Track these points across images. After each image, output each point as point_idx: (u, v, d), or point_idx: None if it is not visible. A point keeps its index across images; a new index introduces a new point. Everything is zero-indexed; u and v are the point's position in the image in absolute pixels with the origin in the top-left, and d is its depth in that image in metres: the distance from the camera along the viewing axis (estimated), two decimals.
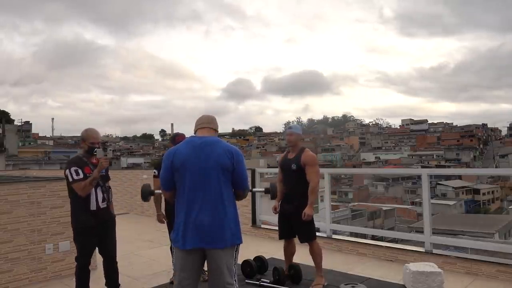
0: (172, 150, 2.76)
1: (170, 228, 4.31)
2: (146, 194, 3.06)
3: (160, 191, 3.10)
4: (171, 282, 4.46)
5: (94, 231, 3.58)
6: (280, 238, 4.34)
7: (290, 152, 4.25)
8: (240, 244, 2.77)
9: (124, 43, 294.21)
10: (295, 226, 4.13)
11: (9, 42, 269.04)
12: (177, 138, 4.29)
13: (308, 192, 4.02)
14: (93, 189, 3.55)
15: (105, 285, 3.83)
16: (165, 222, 4.36)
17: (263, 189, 3.47)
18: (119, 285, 3.89)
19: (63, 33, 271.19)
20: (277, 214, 4.32)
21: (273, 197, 3.58)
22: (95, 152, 3.56)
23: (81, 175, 3.48)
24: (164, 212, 4.37)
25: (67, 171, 3.50)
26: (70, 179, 3.48)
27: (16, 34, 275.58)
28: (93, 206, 3.56)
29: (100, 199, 3.61)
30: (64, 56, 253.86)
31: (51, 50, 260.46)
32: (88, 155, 3.64)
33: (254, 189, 3.73)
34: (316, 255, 4.14)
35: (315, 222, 4.29)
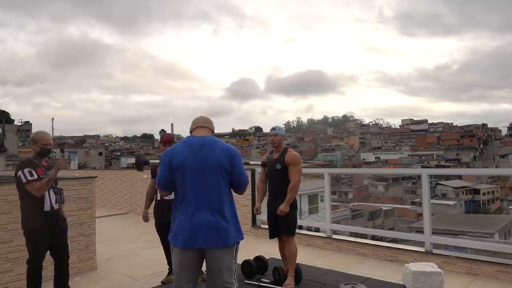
0: (170, 150, 2.75)
1: (158, 228, 4.34)
2: (140, 163, 2.96)
3: (155, 161, 3.04)
4: (163, 283, 4.46)
5: (48, 233, 3.54)
6: (271, 237, 4.38)
7: (274, 153, 4.36)
8: (240, 244, 2.77)
9: (126, 43, 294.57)
10: (278, 221, 4.21)
11: (14, 40, 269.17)
12: (164, 137, 4.39)
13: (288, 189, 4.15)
14: (47, 191, 3.53)
15: (54, 286, 3.78)
16: (152, 221, 4.39)
17: (260, 163, 3.51)
18: (69, 287, 3.87)
19: (68, 32, 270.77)
20: (267, 214, 4.40)
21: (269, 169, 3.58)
22: (54, 153, 3.48)
23: (35, 176, 3.45)
24: (154, 211, 4.41)
25: (20, 172, 3.45)
26: (24, 180, 3.43)
27: (22, 33, 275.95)
28: (47, 207, 3.54)
29: (53, 200, 3.60)
30: (67, 55, 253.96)
31: (55, 49, 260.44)
32: (39, 158, 3.61)
33: (251, 162, 3.79)
34: (292, 253, 4.16)
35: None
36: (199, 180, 2.64)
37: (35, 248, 3.53)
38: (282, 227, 4.19)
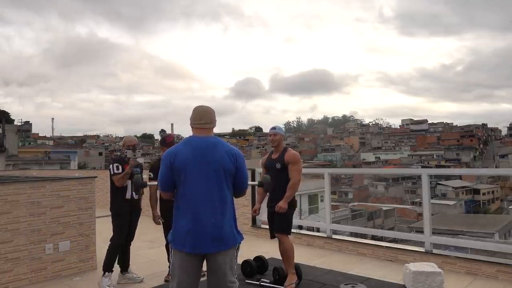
0: (172, 151, 2.69)
1: (166, 228, 4.34)
2: (138, 186, 3.01)
3: (153, 183, 3.10)
4: (166, 281, 4.47)
5: (127, 216, 4.44)
6: (272, 237, 4.37)
7: (274, 153, 4.37)
8: (241, 243, 2.76)
9: (130, 42, 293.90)
10: (273, 219, 4.21)
11: (20, 38, 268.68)
12: (167, 139, 4.57)
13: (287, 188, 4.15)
14: (130, 183, 4.40)
15: (117, 263, 4.50)
16: (161, 223, 4.45)
17: (257, 182, 3.52)
18: (129, 265, 4.65)
19: (76, 31, 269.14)
20: (267, 214, 4.40)
21: (267, 190, 3.61)
22: (126, 153, 4.44)
23: (120, 170, 4.38)
24: (159, 212, 4.45)
25: (110, 166, 4.44)
26: (112, 172, 4.40)
27: (29, 31, 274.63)
28: (128, 196, 4.44)
29: (134, 192, 4.42)
30: (73, 54, 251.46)
31: (61, 48, 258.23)
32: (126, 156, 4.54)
33: (248, 183, 3.82)
34: (287, 251, 4.15)
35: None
36: (201, 182, 2.60)
37: (118, 227, 4.44)
38: (276, 225, 4.19)
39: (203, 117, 2.75)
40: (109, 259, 4.38)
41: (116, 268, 4.52)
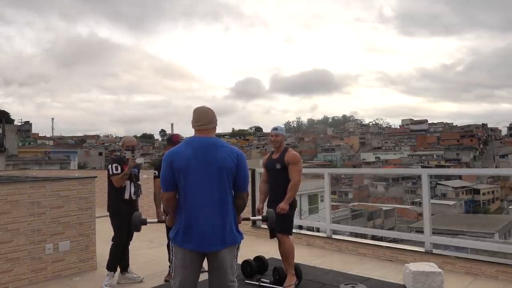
0: (173, 151, 2.72)
1: (169, 228, 4.35)
2: (137, 223, 2.97)
3: (153, 221, 3.19)
4: (166, 281, 4.47)
5: (126, 216, 4.33)
6: (271, 237, 4.38)
7: (274, 153, 4.39)
8: (241, 242, 2.78)
9: (130, 42, 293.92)
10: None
11: (20, 39, 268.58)
12: (173, 138, 4.60)
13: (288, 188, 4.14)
14: (128, 183, 4.46)
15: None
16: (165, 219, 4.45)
17: (261, 217, 3.53)
18: (129, 265, 4.66)
19: (76, 30, 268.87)
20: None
21: (270, 225, 3.61)
22: (125, 153, 4.46)
23: (119, 171, 4.40)
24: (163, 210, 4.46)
25: (109, 166, 4.46)
26: (110, 173, 4.41)
27: (29, 30, 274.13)
28: (126, 196, 4.45)
29: (132, 192, 4.49)
30: (74, 54, 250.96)
31: (62, 47, 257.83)
32: (126, 156, 4.59)
33: (252, 218, 3.84)
34: (287, 252, 4.15)
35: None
36: (203, 182, 2.62)
37: (117, 227, 4.47)
38: (276, 225, 4.18)
39: (200, 118, 2.78)
40: (112, 259, 4.44)
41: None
